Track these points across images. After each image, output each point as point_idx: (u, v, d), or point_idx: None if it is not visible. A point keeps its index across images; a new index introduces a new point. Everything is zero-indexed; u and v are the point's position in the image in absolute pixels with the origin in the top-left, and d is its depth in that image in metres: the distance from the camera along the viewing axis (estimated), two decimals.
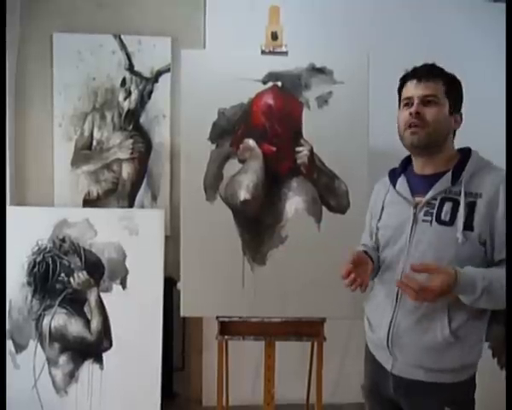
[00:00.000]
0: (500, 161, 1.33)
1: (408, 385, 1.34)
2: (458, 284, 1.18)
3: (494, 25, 2.26)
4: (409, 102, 1.32)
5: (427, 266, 1.21)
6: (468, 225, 1.24)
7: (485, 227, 1.23)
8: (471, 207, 1.25)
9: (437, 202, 1.30)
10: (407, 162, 1.44)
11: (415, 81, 1.32)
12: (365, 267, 1.37)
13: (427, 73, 1.31)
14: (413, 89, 1.32)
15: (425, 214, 1.31)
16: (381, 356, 1.42)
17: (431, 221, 1.29)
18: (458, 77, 1.36)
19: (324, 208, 1.97)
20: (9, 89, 2.41)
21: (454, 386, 1.31)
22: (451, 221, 1.26)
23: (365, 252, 1.44)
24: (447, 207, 1.28)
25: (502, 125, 1.46)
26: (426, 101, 1.29)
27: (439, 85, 1.30)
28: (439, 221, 1.28)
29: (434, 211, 1.29)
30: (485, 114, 2.23)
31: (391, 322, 1.35)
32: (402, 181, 1.40)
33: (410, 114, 1.30)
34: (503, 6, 1.69)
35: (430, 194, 1.31)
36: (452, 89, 1.32)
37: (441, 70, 1.34)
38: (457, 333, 1.28)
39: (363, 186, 1.91)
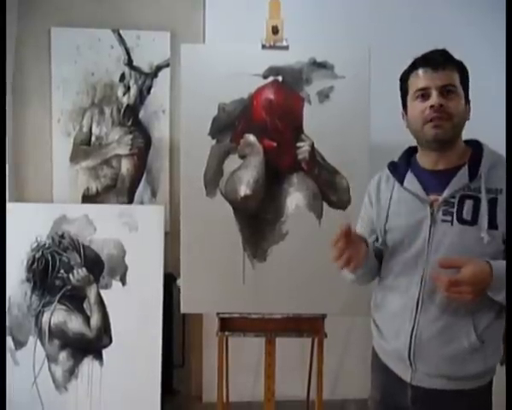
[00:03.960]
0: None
1: (428, 395, 1.27)
2: (494, 276, 1.11)
3: (497, 17, 2.24)
4: (424, 94, 1.22)
5: (454, 260, 1.15)
6: (492, 224, 1.17)
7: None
8: (493, 204, 1.18)
9: (456, 200, 1.21)
10: (409, 156, 1.36)
11: (429, 70, 1.21)
12: (359, 246, 1.25)
13: (443, 60, 1.21)
14: (428, 78, 1.21)
15: (444, 214, 1.22)
16: (397, 367, 1.33)
17: (452, 221, 1.21)
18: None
19: (325, 204, 1.96)
20: (7, 84, 2.39)
21: (475, 392, 1.26)
22: (474, 220, 1.19)
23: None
24: (468, 205, 1.20)
25: (501, 119, 1.44)
26: (446, 91, 1.20)
27: (455, 74, 1.22)
28: (461, 221, 1.20)
29: (454, 210, 1.21)
30: (486, 108, 2.22)
31: (412, 332, 1.26)
32: (411, 178, 1.30)
33: (432, 106, 1.20)
34: None
35: (448, 191, 1.22)
36: (464, 77, 1.24)
37: (452, 57, 1.25)
38: (483, 337, 1.21)
39: (364, 181, 1.87)
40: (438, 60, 1.22)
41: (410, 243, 1.27)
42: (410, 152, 1.37)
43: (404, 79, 1.30)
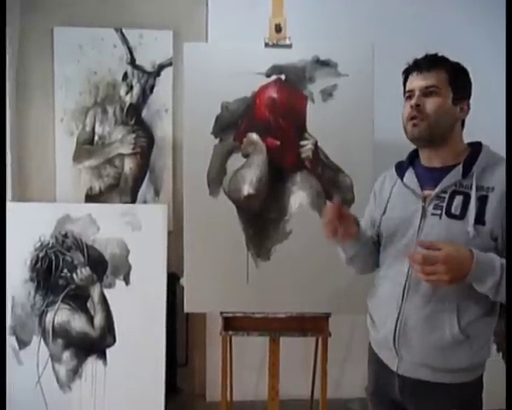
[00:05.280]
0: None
1: (414, 386, 1.30)
2: (475, 263, 1.13)
3: (499, 16, 2.23)
4: (411, 95, 1.30)
5: (433, 242, 1.17)
6: (480, 220, 1.20)
7: (497, 222, 1.20)
8: (483, 201, 1.21)
9: (447, 196, 1.26)
10: (414, 155, 1.40)
11: (415, 73, 1.30)
12: (349, 222, 1.35)
13: (427, 63, 1.28)
14: (414, 81, 1.30)
15: (434, 208, 1.27)
16: (385, 356, 1.38)
17: (440, 215, 1.25)
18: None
19: (329, 203, 1.95)
20: (10, 83, 2.39)
21: (462, 387, 1.27)
22: (462, 215, 1.22)
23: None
24: (458, 200, 1.24)
25: (503, 118, 1.44)
26: (427, 92, 1.27)
27: (440, 75, 1.27)
28: (450, 215, 1.24)
29: (444, 204, 1.25)
30: (488, 107, 2.21)
31: (397, 319, 1.30)
32: (410, 174, 1.37)
33: (411, 106, 1.28)
34: None
35: (440, 187, 1.27)
36: (456, 77, 1.29)
37: (443, 59, 1.30)
38: (467, 331, 1.23)
39: (368, 180, 1.89)
40: (423, 63, 1.29)
41: (402, 235, 1.33)
42: (417, 152, 1.41)
43: (403, 82, 1.38)
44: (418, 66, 1.30)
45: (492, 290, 1.16)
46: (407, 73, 1.34)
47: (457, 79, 1.29)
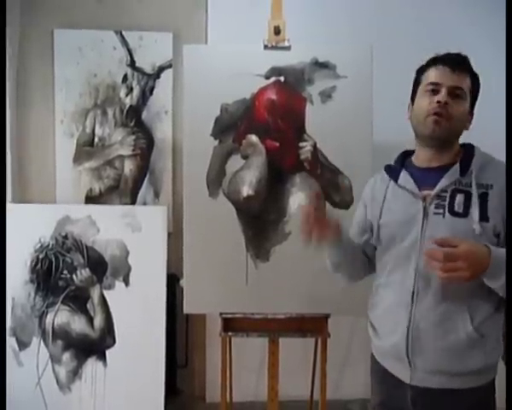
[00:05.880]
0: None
1: (428, 395, 1.26)
2: (493, 258, 1.12)
3: (500, 17, 2.24)
4: (435, 89, 1.25)
5: (450, 238, 1.14)
6: (483, 216, 1.20)
7: (498, 218, 1.20)
8: (484, 199, 1.21)
9: (448, 194, 1.25)
10: (404, 158, 1.39)
11: (445, 68, 1.25)
12: (323, 223, 1.34)
13: (461, 63, 1.25)
14: (443, 76, 1.25)
15: (436, 207, 1.25)
16: (394, 367, 1.32)
17: (443, 213, 1.24)
18: None
19: (328, 204, 1.96)
20: (10, 85, 2.40)
21: (475, 391, 1.25)
22: (465, 213, 1.22)
23: None
24: (459, 198, 1.23)
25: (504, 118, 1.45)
26: (454, 93, 1.23)
27: (466, 79, 1.25)
28: (453, 213, 1.23)
29: (446, 203, 1.24)
30: (489, 108, 2.21)
31: (408, 326, 1.26)
32: (405, 175, 1.33)
33: (439, 102, 1.22)
34: None
35: (440, 186, 1.25)
36: (475, 86, 1.28)
37: (468, 62, 1.28)
38: (481, 330, 1.21)
39: (367, 181, 1.89)
40: (456, 61, 1.26)
41: (404, 237, 1.29)
42: (406, 155, 1.40)
43: (421, 71, 1.33)
44: (450, 61, 1.25)
45: (504, 287, 1.15)
46: (432, 63, 1.29)
47: (475, 89, 1.28)
